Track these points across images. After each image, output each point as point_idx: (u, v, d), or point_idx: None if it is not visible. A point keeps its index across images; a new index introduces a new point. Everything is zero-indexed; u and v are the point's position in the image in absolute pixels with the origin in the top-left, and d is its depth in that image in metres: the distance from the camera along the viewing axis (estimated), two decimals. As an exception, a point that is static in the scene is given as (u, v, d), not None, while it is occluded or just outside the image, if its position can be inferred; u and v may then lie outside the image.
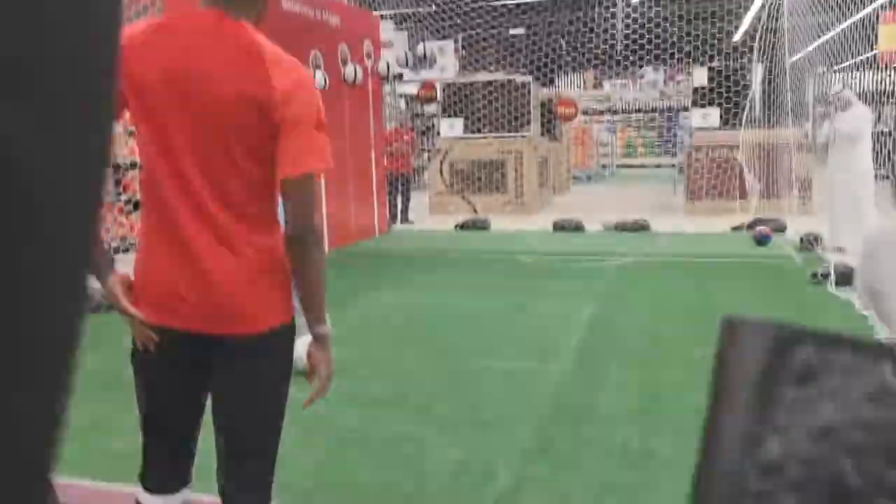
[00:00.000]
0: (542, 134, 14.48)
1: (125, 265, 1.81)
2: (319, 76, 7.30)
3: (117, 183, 9.08)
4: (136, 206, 9.36)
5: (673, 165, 24.32)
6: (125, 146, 9.22)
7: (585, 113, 25.85)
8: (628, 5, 12.30)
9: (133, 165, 9.18)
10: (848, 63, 19.77)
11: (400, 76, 15.88)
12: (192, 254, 1.62)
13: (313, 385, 1.77)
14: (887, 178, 15.58)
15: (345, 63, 9.25)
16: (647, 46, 13.17)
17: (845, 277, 6.17)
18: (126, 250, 9.06)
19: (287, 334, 1.74)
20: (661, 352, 4.51)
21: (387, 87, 16.18)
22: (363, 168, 9.96)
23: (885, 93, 17.40)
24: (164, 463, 1.82)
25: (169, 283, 1.65)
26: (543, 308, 5.72)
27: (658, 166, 25.06)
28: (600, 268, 7.42)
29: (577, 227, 10.26)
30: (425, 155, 19.17)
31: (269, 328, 1.68)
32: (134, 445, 1.89)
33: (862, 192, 7.62)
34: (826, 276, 6.24)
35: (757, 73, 12.11)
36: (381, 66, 8.77)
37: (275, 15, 7.92)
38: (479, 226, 10.72)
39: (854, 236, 7.71)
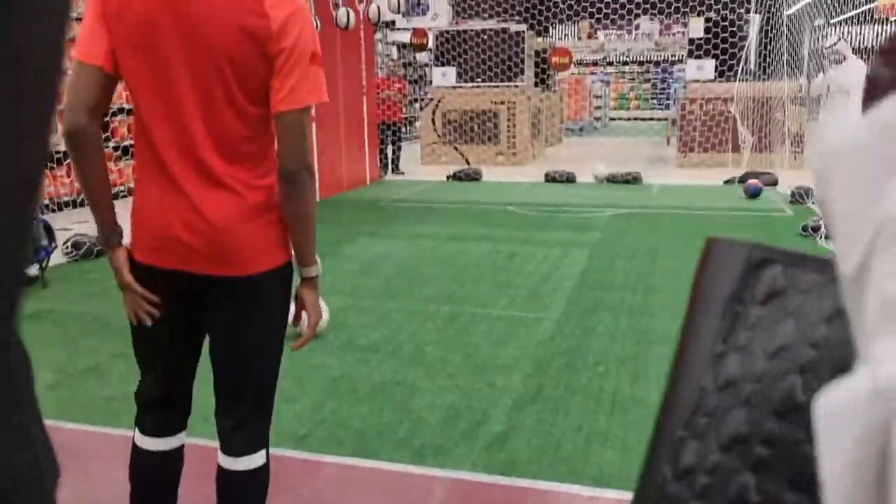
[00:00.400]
0: (536, 84, 14.31)
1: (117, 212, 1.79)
2: (343, 13, 7.14)
3: (105, 128, 8.95)
4: (126, 152, 9.25)
5: (666, 119, 24.19)
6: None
7: (579, 64, 25.54)
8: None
9: (121, 111, 9.05)
10: (846, 16, 19.59)
11: (392, 23, 15.60)
12: (186, 195, 1.62)
13: (302, 327, 1.79)
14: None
15: (336, 7, 9.06)
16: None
17: (835, 231, 6.22)
18: (115, 197, 8.97)
19: (284, 274, 1.73)
20: (652, 301, 4.55)
21: (378, 35, 15.89)
22: (355, 116, 9.85)
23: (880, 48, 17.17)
24: (161, 404, 1.82)
25: (164, 226, 1.64)
26: (535, 257, 5.74)
27: (651, 119, 24.91)
28: (592, 219, 7.43)
29: (569, 179, 10.24)
30: (417, 104, 18.97)
31: (266, 269, 1.68)
32: (130, 390, 1.90)
33: None
34: (816, 228, 6.28)
35: (754, 25, 11.95)
36: (372, 11, 8.58)
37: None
38: (471, 176, 10.68)
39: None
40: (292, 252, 1.75)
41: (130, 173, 9.23)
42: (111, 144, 9.04)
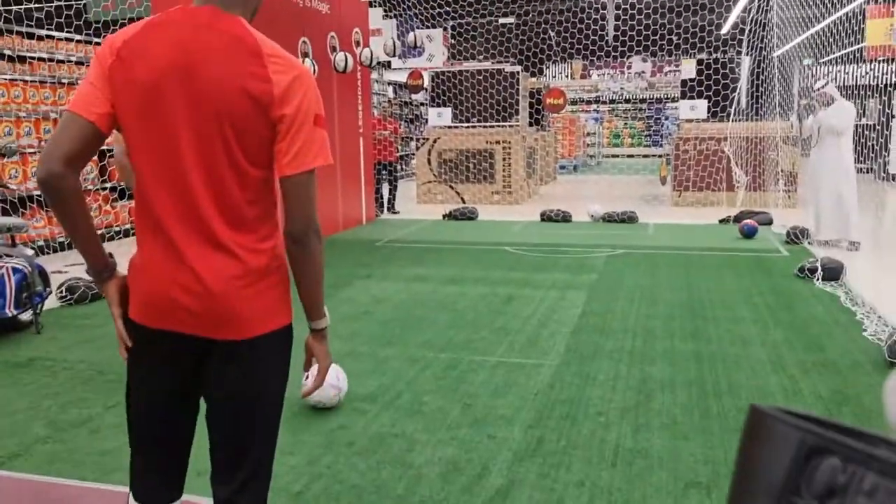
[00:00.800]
0: (531, 124, 14.44)
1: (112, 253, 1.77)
2: (309, 63, 7.21)
3: (102, 171, 8.97)
4: (123, 194, 9.24)
5: (659, 156, 24.39)
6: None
7: (573, 103, 25.83)
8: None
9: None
10: (834, 56, 19.89)
11: (388, 64, 15.77)
12: (185, 258, 1.60)
13: (311, 377, 1.80)
14: (870, 170, 15.72)
15: (334, 51, 9.16)
16: (636, 38, 13.13)
17: (832, 272, 6.22)
18: (111, 238, 8.96)
19: (284, 336, 1.71)
20: (652, 347, 4.51)
21: (374, 75, 16.05)
22: (351, 156, 9.90)
23: (869, 86, 17.50)
24: (155, 474, 1.77)
25: (163, 287, 1.62)
26: (533, 300, 5.71)
27: (644, 156, 25.12)
28: (589, 259, 7.42)
29: (565, 219, 10.26)
30: (413, 143, 19.11)
31: (265, 332, 1.66)
32: (123, 443, 1.85)
33: (845, 186, 7.65)
34: (813, 270, 6.27)
35: (745, 66, 12.13)
36: (364, 55, 8.65)
37: (266, 2, 7.80)
38: (466, 215, 10.70)
39: (838, 229, 7.77)
40: (292, 314, 1.73)
41: (126, 215, 9.22)
42: (108, 185, 9.04)
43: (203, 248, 1.60)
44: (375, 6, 13.21)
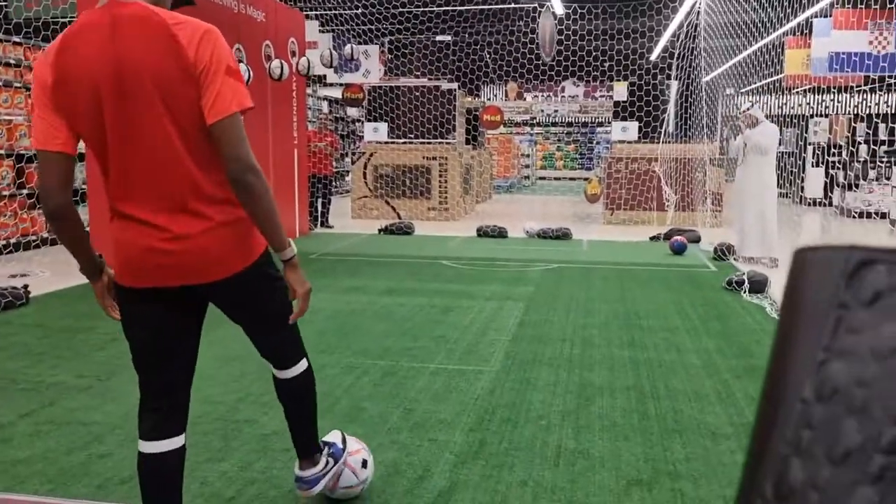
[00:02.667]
0: (467, 142, 14.53)
1: (25, 264, 1.67)
2: (243, 69, 7.06)
3: (19, 174, 8.54)
4: (39, 200, 8.81)
5: (588, 179, 24.92)
6: (28, 136, 8.69)
7: (507, 124, 26.21)
8: (553, 17, 12.50)
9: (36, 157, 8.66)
10: (755, 86, 20.79)
11: (323, 78, 15.65)
12: (155, 224, 1.81)
13: (295, 302, 2.04)
14: (787, 195, 16.45)
15: (269, 59, 9.02)
16: (571, 58, 13.41)
17: (757, 285, 6.42)
18: (27, 247, 8.52)
19: (263, 261, 2.00)
20: (591, 355, 4.53)
21: (309, 90, 15.89)
22: (285, 168, 9.73)
23: (787, 116, 18.37)
24: (155, 411, 1.97)
25: (141, 255, 1.83)
26: (471, 311, 5.68)
27: (573, 179, 25.65)
28: (525, 273, 7.46)
29: (501, 234, 10.32)
30: (348, 158, 18.96)
31: (245, 266, 1.93)
32: (37, 452, 1.73)
33: (768, 205, 7.93)
34: (741, 283, 6.46)
35: (673, 91, 12.53)
36: (302, 64, 8.55)
37: (200, 4, 7.63)
38: (402, 230, 10.64)
39: (761, 247, 8.04)
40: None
41: (44, 222, 8.79)
42: (25, 191, 8.62)
43: (169, 212, 1.80)
44: (312, 19, 13.11)
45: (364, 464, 2.60)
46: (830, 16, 10.32)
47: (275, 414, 3.48)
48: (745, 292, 6.37)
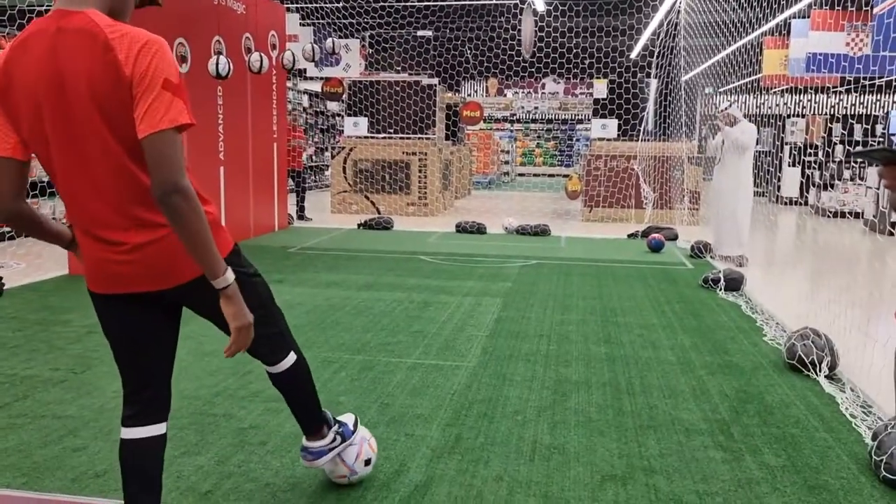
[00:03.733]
0: (447, 137, 14.54)
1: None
2: (223, 61, 7.01)
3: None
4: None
5: (568, 176, 25.02)
6: None
7: (488, 120, 26.22)
8: (534, 14, 12.53)
9: None
10: (734, 85, 20.98)
11: (303, 71, 15.56)
12: (113, 242, 1.82)
13: (231, 338, 1.88)
14: (764, 194, 16.62)
15: (249, 52, 8.95)
16: (552, 55, 13.47)
17: (733, 283, 6.50)
18: (1, 239, 8.41)
19: (228, 260, 1.89)
20: (567, 351, 4.57)
21: (289, 83, 15.80)
22: (265, 162, 9.67)
23: (764, 116, 18.58)
24: (134, 401, 2.00)
25: (102, 265, 1.86)
26: (449, 306, 5.70)
27: (551, 176, 25.76)
28: (503, 269, 7.49)
29: (480, 230, 10.34)
30: (327, 153, 18.89)
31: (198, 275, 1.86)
32: (13, 443, 1.72)
33: (742, 204, 8.02)
34: (716, 281, 6.53)
35: (652, 89, 12.62)
36: (286, 58, 8.53)
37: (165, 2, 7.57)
38: (382, 225, 10.63)
39: (734, 245, 8.13)
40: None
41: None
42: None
43: (122, 226, 1.80)
44: (292, 12, 13.02)
45: (368, 462, 2.68)
46: (809, 17, 10.44)
47: (253, 408, 3.49)
48: (721, 290, 6.44)
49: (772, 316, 5.52)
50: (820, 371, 4.07)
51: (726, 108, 8.18)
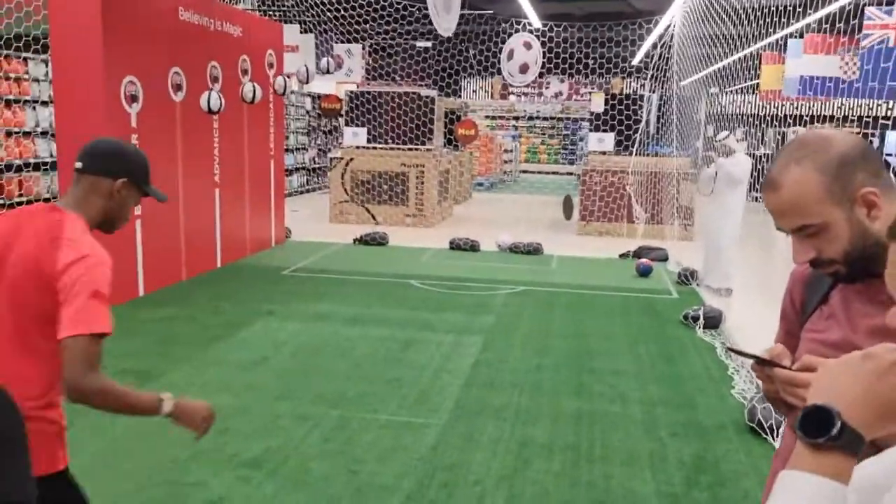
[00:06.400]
0: (446, 144, 14.63)
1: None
2: (215, 97, 7.14)
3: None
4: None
5: (571, 174, 25.07)
6: (2, 147, 8.74)
7: (490, 118, 26.24)
8: (539, 19, 12.56)
9: (10, 167, 8.72)
10: (738, 87, 20.88)
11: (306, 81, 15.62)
12: None
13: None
14: (759, 199, 16.63)
15: (245, 74, 9.07)
16: (554, 61, 13.48)
17: (712, 320, 6.62)
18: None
19: (50, 485, 1.81)
20: (537, 405, 4.72)
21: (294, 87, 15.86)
22: (261, 178, 9.81)
23: (767, 115, 18.52)
24: None
25: None
26: (429, 347, 5.85)
27: (555, 173, 25.82)
28: (489, 298, 7.63)
29: (473, 248, 10.48)
30: (328, 155, 18.99)
31: (46, 474, 1.83)
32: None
33: (727, 239, 7.97)
34: (696, 318, 6.65)
35: (654, 100, 12.65)
36: (279, 83, 8.63)
37: (172, 26, 7.69)
38: (377, 241, 10.77)
39: (720, 278, 8.15)
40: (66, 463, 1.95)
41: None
42: None
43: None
44: (293, 22, 13.11)
45: None
46: (802, 36, 10.46)
47: (224, 474, 3.65)
48: (699, 328, 6.57)
49: (743, 363, 5.65)
50: (777, 436, 4.21)
51: (724, 138, 8.07)
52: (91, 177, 1.97)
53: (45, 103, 9.49)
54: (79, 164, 1.98)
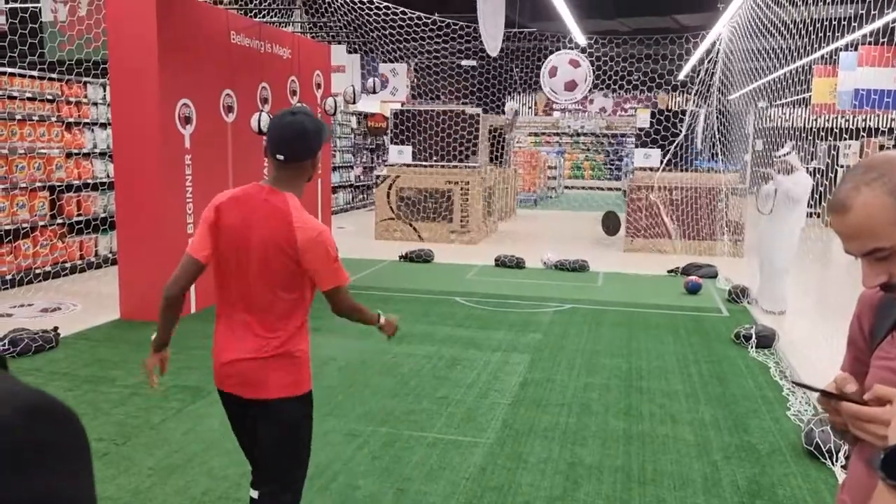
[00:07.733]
0: (492, 160, 14.66)
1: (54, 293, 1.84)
2: (266, 118, 7.29)
3: (52, 205, 8.90)
4: (72, 228, 9.19)
5: (618, 189, 24.87)
6: (63, 168, 9.04)
7: (535, 134, 26.21)
8: (583, 34, 12.55)
9: (70, 188, 9.01)
10: (787, 101, 20.55)
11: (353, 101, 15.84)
12: (236, 337, 2.52)
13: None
14: (818, 215, 16.23)
15: (294, 94, 9.25)
16: (601, 78, 13.43)
17: (765, 340, 6.47)
18: (57, 275, 8.88)
19: (293, 405, 2.55)
20: (586, 425, 4.67)
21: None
22: (308, 197, 9.96)
23: (820, 128, 18.12)
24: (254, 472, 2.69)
25: (220, 358, 2.56)
26: (476, 365, 5.84)
27: (601, 189, 25.65)
28: (536, 316, 7.59)
29: (518, 265, 10.45)
30: (374, 172, 19.20)
31: (278, 397, 2.51)
32: None
33: (780, 263, 7.71)
34: (748, 337, 6.51)
35: (699, 118, 12.50)
36: (329, 104, 8.81)
37: (224, 49, 7.89)
38: (422, 258, 10.82)
39: (775, 301, 7.91)
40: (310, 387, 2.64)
41: (77, 250, 9.17)
42: (59, 221, 8.97)
43: (246, 332, 2.53)
44: (340, 43, 13.33)
45: None
46: (857, 49, 10.23)
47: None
48: (751, 347, 6.42)
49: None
50: (836, 461, 4.08)
51: (786, 155, 7.67)
52: (294, 164, 2.47)
53: (103, 125, 9.80)
54: (280, 157, 2.45)
